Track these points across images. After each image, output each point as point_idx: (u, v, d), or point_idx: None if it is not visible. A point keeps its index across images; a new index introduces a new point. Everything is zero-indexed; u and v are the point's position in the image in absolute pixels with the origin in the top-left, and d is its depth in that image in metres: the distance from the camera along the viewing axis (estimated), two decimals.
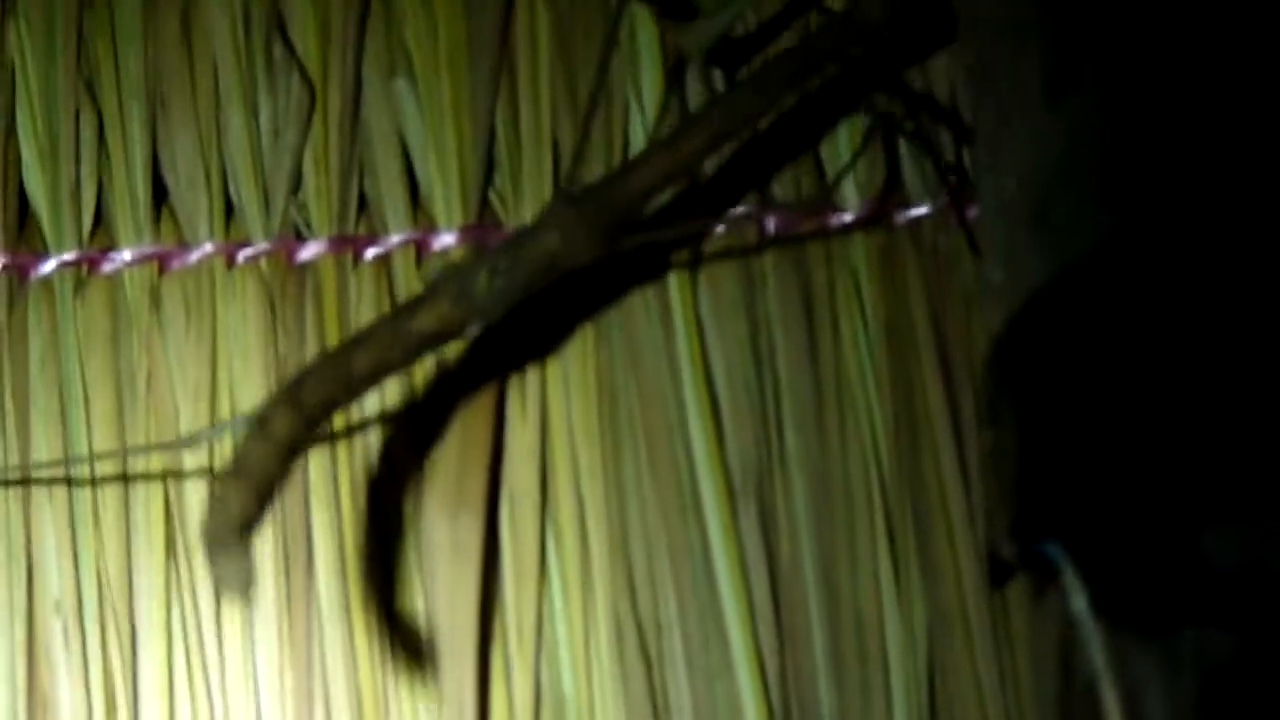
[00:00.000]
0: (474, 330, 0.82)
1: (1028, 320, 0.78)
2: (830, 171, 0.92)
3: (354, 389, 0.80)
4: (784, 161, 0.91)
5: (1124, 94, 0.78)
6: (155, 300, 0.87)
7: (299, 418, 0.78)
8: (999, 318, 0.80)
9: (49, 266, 0.86)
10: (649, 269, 0.90)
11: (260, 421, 0.78)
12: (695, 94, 0.91)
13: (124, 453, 0.85)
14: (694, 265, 0.90)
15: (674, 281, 0.90)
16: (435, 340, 0.81)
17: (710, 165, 0.91)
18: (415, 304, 0.81)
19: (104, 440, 0.86)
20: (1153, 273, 0.75)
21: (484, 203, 0.90)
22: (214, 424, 0.85)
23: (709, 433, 0.89)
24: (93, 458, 0.85)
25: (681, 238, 0.90)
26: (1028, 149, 0.81)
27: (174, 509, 0.86)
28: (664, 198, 0.89)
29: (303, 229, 0.87)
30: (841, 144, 0.92)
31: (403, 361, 0.81)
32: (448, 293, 0.81)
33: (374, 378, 0.80)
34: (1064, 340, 0.77)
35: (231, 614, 0.85)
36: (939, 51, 0.94)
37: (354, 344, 0.80)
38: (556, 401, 0.89)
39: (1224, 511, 0.73)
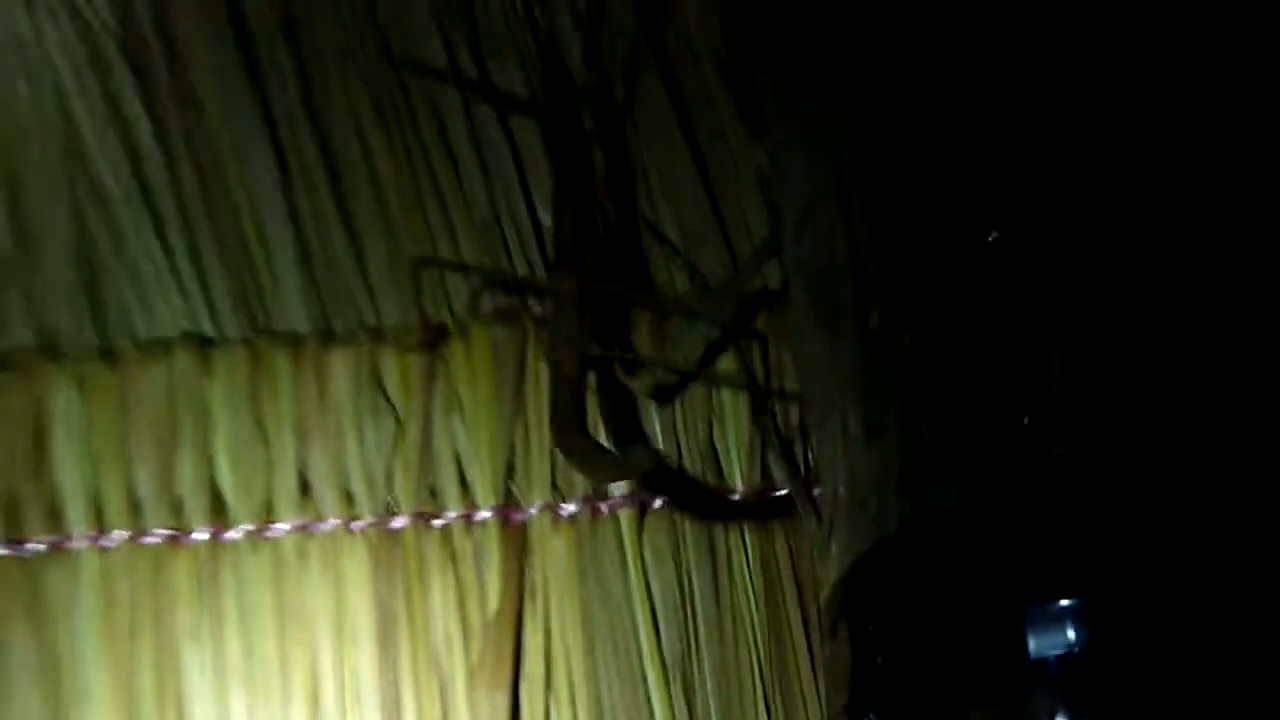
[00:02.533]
0: None
1: (853, 576, 0.82)
2: (724, 460, 0.98)
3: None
4: (693, 441, 0.97)
5: (915, 434, 0.81)
6: None
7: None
8: (835, 574, 0.85)
9: None
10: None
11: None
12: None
13: None
14: (640, 527, 0.96)
15: (629, 548, 0.96)
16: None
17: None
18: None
19: None
20: (939, 549, 0.79)
21: None
22: None
23: (649, 630, 0.95)
24: None
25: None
26: (849, 466, 0.85)
27: None
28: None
29: None
30: (731, 442, 0.98)
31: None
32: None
33: None
34: (877, 588, 0.81)
35: None
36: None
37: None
38: (556, 626, 0.95)
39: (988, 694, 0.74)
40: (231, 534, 0.96)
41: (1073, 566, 0.76)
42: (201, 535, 0.96)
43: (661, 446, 0.99)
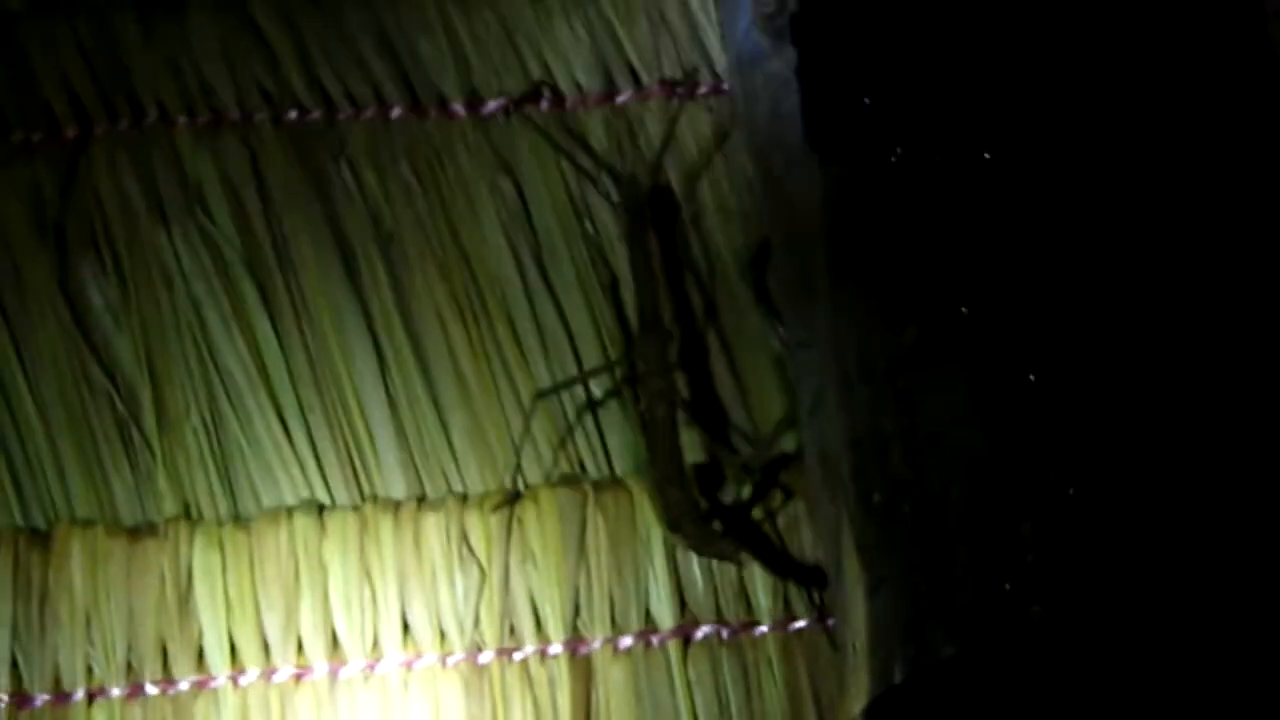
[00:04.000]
0: None
1: (871, 713, 0.85)
2: (750, 591, 1.01)
3: None
4: (726, 582, 1.01)
5: (915, 592, 0.83)
6: None
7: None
8: (856, 708, 0.86)
9: None
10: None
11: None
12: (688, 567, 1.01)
13: None
14: (685, 656, 0.99)
15: (676, 673, 0.99)
16: None
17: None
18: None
19: None
20: (941, 691, 0.82)
21: None
22: None
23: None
24: None
25: None
26: (860, 616, 0.86)
27: None
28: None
29: None
30: (758, 583, 1.02)
31: None
32: None
33: None
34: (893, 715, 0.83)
35: None
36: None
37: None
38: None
39: None
40: (346, 669, 1.00)
41: (1051, 707, 0.82)
42: (321, 671, 1.01)
43: (700, 587, 1.03)
